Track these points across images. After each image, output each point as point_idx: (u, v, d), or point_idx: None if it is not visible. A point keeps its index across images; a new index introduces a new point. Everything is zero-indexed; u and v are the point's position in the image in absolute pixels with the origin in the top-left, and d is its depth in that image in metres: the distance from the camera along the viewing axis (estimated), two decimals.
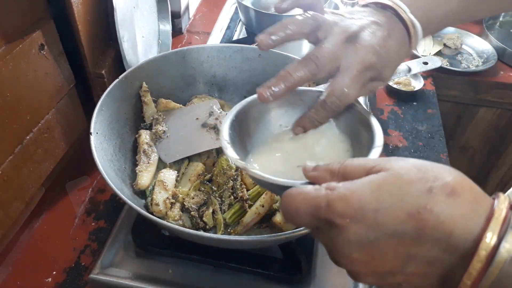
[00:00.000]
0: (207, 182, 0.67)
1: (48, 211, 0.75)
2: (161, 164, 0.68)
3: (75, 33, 0.68)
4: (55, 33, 0.65)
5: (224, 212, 0.63)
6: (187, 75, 0.77)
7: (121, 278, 0.62)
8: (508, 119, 1.33)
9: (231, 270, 0.63)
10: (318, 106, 0.49)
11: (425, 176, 0.29)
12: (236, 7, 1.28)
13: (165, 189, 0.63)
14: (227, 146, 0.47)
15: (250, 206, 0.63)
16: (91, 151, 0.56)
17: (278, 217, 0.61)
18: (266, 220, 0.63)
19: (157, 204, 0.61)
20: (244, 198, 0.63)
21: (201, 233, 0.60)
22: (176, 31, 1.18)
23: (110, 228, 0.71)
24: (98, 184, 0.80)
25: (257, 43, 0.48)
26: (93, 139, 0.57)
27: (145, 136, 0.69)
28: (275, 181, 0.41)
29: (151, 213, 0.61)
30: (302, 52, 1.01)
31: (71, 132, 0.73)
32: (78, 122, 0.75)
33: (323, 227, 0.32)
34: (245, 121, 0.52)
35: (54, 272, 0.66)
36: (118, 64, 0.79)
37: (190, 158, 0.70)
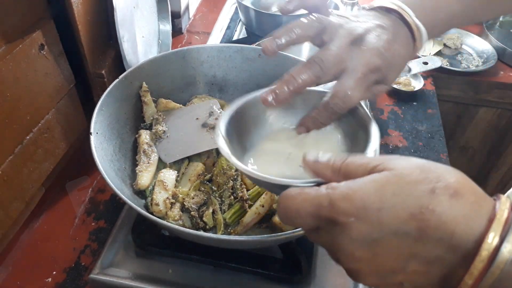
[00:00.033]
0: (207, 182, 0.67)
1: (48, 211, 0.75)
2: (161, 164, 0.68)
3: (75, 33, 0.68)
4: (55, 33, 0.65)
5: (224, 212, 0.63)
6: (187, 75, 0.77)
7: (121, 278, 0.62)
8: (508, 119, 1.33)
9: (231, 270, 0.63)
10: (321, 107, 0.49)
11: (428, 177, 0.29)
12: (236, 7, 1.28)
13: (165, 189, 0.63)
14: (221, 141, 0.46)
15: (250, 206, 0.63)
16: (91, 151, 0.56)
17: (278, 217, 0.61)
18: (266, 220, 0.63)
19: (157, 204, 0.61)
20: (244, 198, 0.63)
21: (201, 233, 0.60)
22: (176, 31, 1.18)
23: (110, 228, 0.71)
24: (98, 184, 0.80)
25: (262, 48, 0.47)
26: (93, 139, 0.57)
27: (145, 136, 0.69)
28: (268, 179, 0.40)
29: (151, 213, 0.61)
30: (302, 52, 1.01)
31: (71, 132, 0.73)
32: (78, 122, 0.75)
33: (325, 226, 0.32)
34: (244, 119, 0.52)
35: (54, 272, 0.66)
36: (118, 64, 0.79)
37: (190, 158, 0.70)
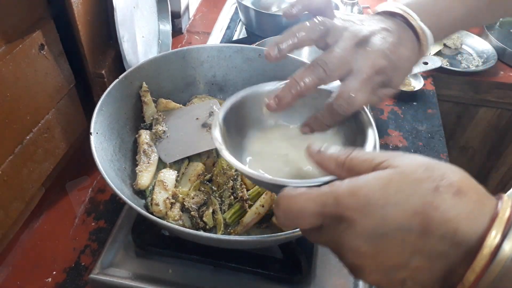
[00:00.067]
0: (207, 182, 0.67)
1: (48, 211, 0.75)
2: (161, 164, 0.68)
3: (75, 33, 0.68)
4: (55, 33, 0.65)
5: (224, 212, 0.63)
6: (187, 75, 0.77)
7: (121, 278, 0.62)
8: (508, 119, 1.33)
9: (231, 270, 0.63)
10: (325, 109, 0.48)
11: (432, 175, 0.29)
12: (236, 7, 1.28)
13: (165, 189, 0.63)
14: (217, 132, 0.46)
15: (250, 206, 0.63)
16: (91, 151, 0.56)
17: None
18: (266, 220, 0.63)
19: (157, 204, 0.61)
20: (244, 198, 0.63)
21: (201, 233, 0.60)
22: (176, 31, 1.18)
23: (110, 228, 0.71)
24: (98, 184, 0.80)
25: (264, 55, 0.47)
26: (93, 139, 0.57)
27: (145, 136, 0.69)
28: (267, 179, 0.40)
29: (151, 213, 0.61)
30: (302, 52, 1.01)
31: (71, 132, 0.73)
32: (78, 122, 0.75)
33: (329, 224, 0.32)
34: (242, 111, 0.52)
35: (54, 272, 0.66)
36: (118, 64, 0.79)
37: (190, 158, 0.70)
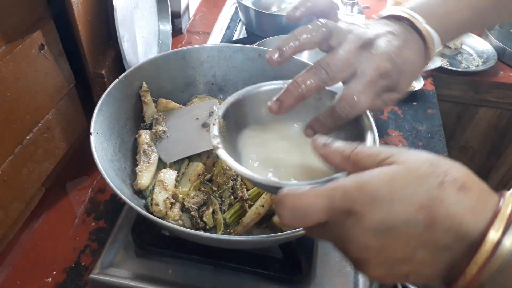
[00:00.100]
0: (207, 182, 0.67)
1: (48, 211, 0.75)
2: (161, 164, 0.68)
3: (75, 33, 0.68)
4: (55, 33, 0.65)
5: (224, 212, 0.63)
6: (187, 75, 0.77)
7: (121, 278, 0.62)
8: (508, 119, 1.33)
9: (231, 270, 0.63)
10: (328, 112, 0.48)
11: (436, 171, 0.30)
12: (236, 7, 1.28)
13: (165, 189, 0.63)
14: (215, 129, 0.46)
15: (250, 206, 0.63)
16: (91, 151, 0.56)
17: None
18: (266, 220, 0.63)
19: (157, 204, 0.61)
20: (244, 198, 0.63)
21: (201, 233, 0.60)
22: (176, 31, 1.18)
23: (110, 228, 0.71)
24: (98, 184, 0.80)
25: (266, 59, 0.47)
26: (93, 139, 0.57)
27: (145, 136, 0.69)
28: (255, 178, 0.40)
29: (151, 213, 0.61)
30: (303, 52, 1.00)
31: (71, 132, 0.73)
32: (78, 122, 0.75)
33: (336, 218, 0.32)
34: (241, 113, 0.52)
35: (54, 272, 0.66)
36: (118, 64, 0.79)
37: (190, 158, 0.70)
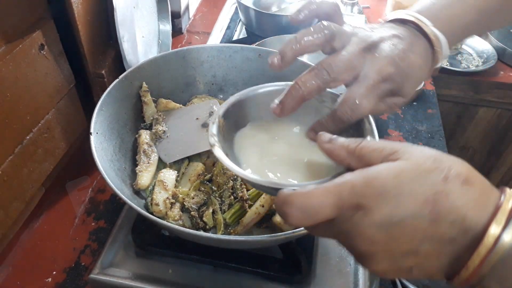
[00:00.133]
0: (207, 182, 0.67)
1: (48, 211, 0.75)
2: (161, 164, 0.68)
3: (75, 33, 0.68)
4: (55, 33, 0.65)
5: (224, 212, 0.63)
6: (187, 75, 0.77)
7: (121, 278, 0.62)
8: (508, 119, 1.33)
9: (231, 270, 0.63)
10: (329, 115, 0.47)
11: (441, 166, 0.31)
12: (236, 7, 1.28)
13: (165, 189, 0.63)
14: (215, 128, 0.46)
15: (250, 206, 0.63)
16: (91, 151, 0.56)
17: (278, 217, 0.61)
18: (266, 220, 0.63)
19: (157, 204, 0.61)
20: (244, 198, 0.63)
21: (201, 233, 0.60)
22: (176, 31, 1.18)
23: (110, 228, 0.71)
24: (98, 184, 0.80)
25: (269, 64, 0.47)
26: (93, 139, 0.57)
27: (145, 136, 0.69)
28: (249, 178, 0.40)
29: (151, 213, 0.61)
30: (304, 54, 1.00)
31: (71, 132, 0.73)
32: (78, 122, 0.75)
33: (345, 214, 0.32)
34: (241, 114, 0.51)
35: (54, 272, 0.66)
36: (118, 64, 0.79)
37: (190, 158, 0.70)
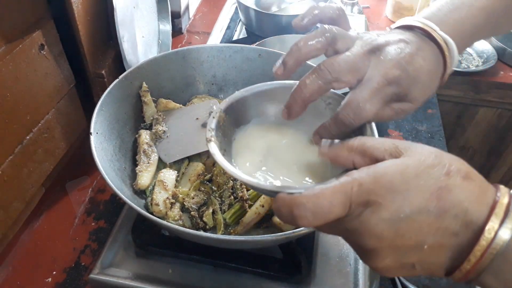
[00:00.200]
0: (207, 182, 0.67)
1: (48, 211, 0.75)
2: (161, 164, 0.68)
3: (75, 33, 0.69)
4: (55, 33, 0.65)
5: (224, 212, 0.63)
6: (187, 75, 0.77)
7: (121, 278, 0.62)
8: (508, 119, 1.33)
9: (231, 270, 0.63)
10: (332, 118, 0.46)
11: (442, 161, 0.33)
12: (236, 7, 1.28)
13: (165, 189, 0.63)
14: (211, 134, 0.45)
15: (250, 206, 0.63)
16: (91, 151, 0.56)
17: None
18: (266, 220, 0.63)
19: (157, 204, 0.61)
20: (244, 198, 0.63)
21: (201, 233, 0.60)
22: (176, 31, 1.18)
23: (110, 228, 0.71)
24: (98, 184, 0.80)
25: (274, 74, 0.47)
26: (93, 139, 0.57)
27: (145, 136, 0.69)
28: (241, 177, 0.40)
29: (151, 213, 0.61)
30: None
31: (71, 132, 0.73)
32: (78, 122, 0.75)
33: (354, 211, 0.33)
34: (241, 113, 0.51)
35: (54, 272, 0.66)
36: (118, 64, 0.79)
37: (190, 158, 0.70)
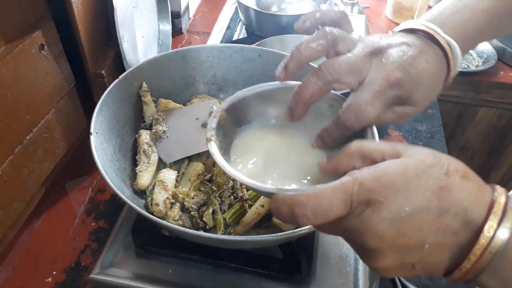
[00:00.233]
0: (207, 182, 0.67)
1: (48, 211, 0.75)
2: (161, 164, 0.68)
3: (75, 33, 0.69)
4: (55, 33, 0.65)
5: (224, 212, 0.63)
6: (187, 75, 0.77)
7: (121, 278, 0.62)
8: (508, 119, 1.33)
9: (231, 270, 0.63)
10: (334, 122, 0.46)
11: (441, 161, 0.33)
12: (236, 7, 1.28)
13: (165, 189, 0.63)
14: (211, 136, 0.45)
15: (250, 206, 0.63)
16: (91, 151, 0.56)
17: None
18: (266, 220, 0.63)
19: (157, 204, 0.61)
20: (244, 198, 0.63)
21: (201, 233, 0.60)
22: (176, 31, 1.18)
23: (110, 228, 0.71)
24: (98, 184, 0.80)
25: (277, 78, 0.47)
26: (93, 139, 0.57)
27: (145, 136, 0.69)
28: (238, 177, 0.40)
29: (151, 213, 0.61)
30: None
31: (71, 132, 0.73)
32: (78, 122, 0.75)
33: (355, 210, 0.33)
34: (242, 113, 0.51)
35: (54, 272, 0.66)
36: (118, 64, 0.79)
37: (190, 158, 0.70)
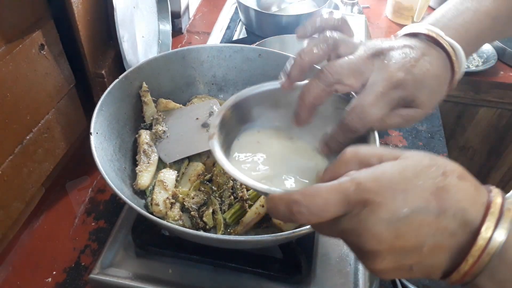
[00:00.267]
0: (207, 182, 0.67)
1: (48, 211, 0.75)
2: (161, 164, 0.68)
3: (75, 33, 0.69)
4: (55, 33, 0.65)
5: (224, 212, 0.63)
6: (187, 75, 0.77)
7: (121, 278, 0.62)
8: (508, 119, 1.33)
9: (231, 270, 0.63)
10: (338, 125, 0.45)
11: (438, 162, 0.33)
12: (236, 7, 1.28)
13: (165, 189, 0.63)
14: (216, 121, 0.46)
15: (250, 206, 0.63)
16: (91, 151, 0.56)
17: None
18: (266, 220, 0.63)
19: (157, 204, 0.61)
20: (244, 198, 0.63)
21: (201, 233, 0.60)
22: (176, 31, 1.18)
23: (110, 228, 0.71)
24: (98, 184, 0.80)
25: (282, 87, 0.48)
26: (93, 139, 0.57)
27: (145, 136, 0.69)
28: (240, 177, 0.41)
29: (151, 213, 0.61)
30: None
31: (71, 132, 0.73)
32: (78, 122, 0.75)
33: (352, 210, 0.32)
34: (243, 113, 0.51)
35: (54, 272, 0.66)
36: (118, 64, 0.79)
37: (190, 158, 0.70)
